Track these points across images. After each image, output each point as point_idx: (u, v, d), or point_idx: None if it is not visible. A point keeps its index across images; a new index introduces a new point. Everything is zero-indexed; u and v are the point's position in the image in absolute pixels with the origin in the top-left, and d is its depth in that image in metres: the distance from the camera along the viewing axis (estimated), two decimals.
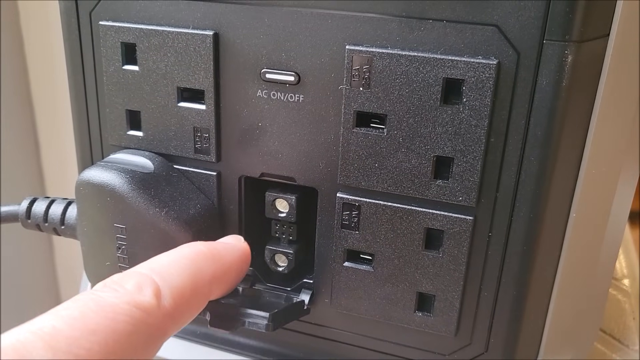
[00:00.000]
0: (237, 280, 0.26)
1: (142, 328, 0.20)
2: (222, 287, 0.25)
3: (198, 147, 0.28)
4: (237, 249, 0.26)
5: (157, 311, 0.21)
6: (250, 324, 0.26)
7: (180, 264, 0.23)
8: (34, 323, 0.19)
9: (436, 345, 0.29)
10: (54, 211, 0.31)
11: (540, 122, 0.23)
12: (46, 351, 0.18)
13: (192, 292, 0.23)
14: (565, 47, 0.22)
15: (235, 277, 0.26)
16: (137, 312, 0.20)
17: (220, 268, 0.25)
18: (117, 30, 0.28)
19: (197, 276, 0.23)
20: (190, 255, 0.24)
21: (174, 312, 0.22)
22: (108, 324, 0.19)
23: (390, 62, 0.24)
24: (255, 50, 0.26)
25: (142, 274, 0.22)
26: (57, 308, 0.20)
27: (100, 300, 0.20)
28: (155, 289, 0.22)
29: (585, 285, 0.29)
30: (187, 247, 0.25)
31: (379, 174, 0.26)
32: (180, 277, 0.23)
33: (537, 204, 0.25)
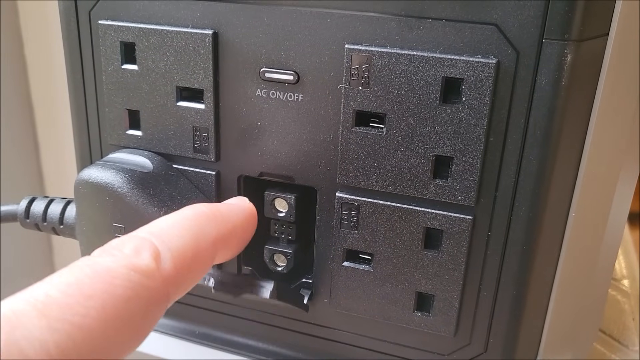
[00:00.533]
0: (243, 243, 0.25)
1: (141, 292, 0.20)
2: (227, 250, 0.24)
3: (197, 146, 0.28)
4: (242, 209, 0.25)
5: (157, 274, 0.20)
6: (254, 290, 0.26)
7: (181, 225, 0.23)
8: (29, 291, 0.18)
9: (435, 345, 0.29)
10: (53, 211, 0.31)
11: (539, 121, 0.23)
12: (40, 320, 0.17)
13: (194, 254, 0.22)
14: (564, 46, 0.22)
15: (241, 239, 0.25)
16: (135, 276, 0.20)
17: (224, 229, 0.24)
18: (116, 29, 0.28)
19: (200, 238, 0.23)
20: (191, 216, 0.23)
21: (176, 275, 0.21)
22: (105, 289, 0.19)
23: (389, 61, 0.24)
24: (255, 49, 0.26)
25: (140, 237, 0.22)
26: (53, 275, 0.19)
27: (96, 265, 0.20)
28: (154, 252, 0.21)
29: (584, 285, 0.29)
30: (189, 208, 0.24)
31: (378, 173, 0.26)
32: (182, 239, 0.22)
33: (536, 204, 0.25)
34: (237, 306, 0.31)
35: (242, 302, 0.31)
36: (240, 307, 0.31)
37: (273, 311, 0.31)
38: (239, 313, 0.32)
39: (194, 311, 0.33)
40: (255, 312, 0.31)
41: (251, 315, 0.32)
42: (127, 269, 0.20)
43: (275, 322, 0.31)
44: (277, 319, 0.31)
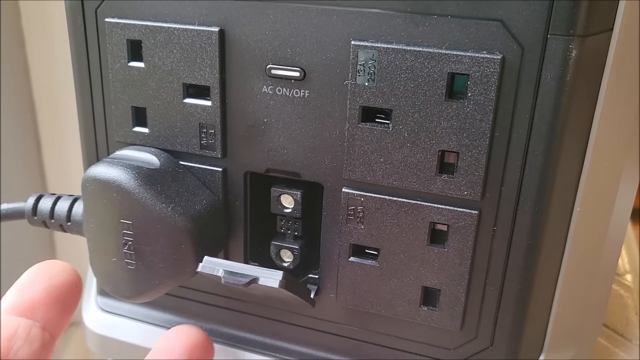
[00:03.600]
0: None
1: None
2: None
3: (204, 143, 0.28)
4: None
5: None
6: (264, 279, 0.26)
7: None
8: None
9: (441, 339, 0.29)
10: (60, 208, 0.31)
11: (544, 116, 0.24)
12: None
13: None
14: (569, 41, 0.22)
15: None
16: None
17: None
18: (122, 27, 0.28)
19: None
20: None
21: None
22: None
23: (395, 57, 0.24)
24: (261, 46, 0.26)
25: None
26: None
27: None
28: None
29: (589, 279, 0.29)
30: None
31: (385, 168, 0.26)
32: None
33: (541, 198, 0.25)
34: (243, 302, 0.32)
35: (249, 297, 0.31)
36: (246, 303, 0.32)
37: (279, 306, 0.31)
38: (245, 308, 0.32)
39: (200, 307, 0.33)
40: (262, 307, 0.32)
41: (257, 310, 0.32)
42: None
43: (282, 317, 0.31)
44: (284, 314, 0.31)
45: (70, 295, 0.27)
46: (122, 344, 0.35)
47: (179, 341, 0.29)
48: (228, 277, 0.26)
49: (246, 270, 0.26)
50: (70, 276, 0.27)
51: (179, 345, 0.29)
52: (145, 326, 0.34)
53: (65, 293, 0.27)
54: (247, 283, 0.26)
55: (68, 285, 0.27)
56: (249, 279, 0.26)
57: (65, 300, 0.26)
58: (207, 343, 0.30)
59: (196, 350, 0.29)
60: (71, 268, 0.27)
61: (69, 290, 0.27)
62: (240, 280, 0.26)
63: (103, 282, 0.30)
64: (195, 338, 0.29)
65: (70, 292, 0.27)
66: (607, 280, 0.31)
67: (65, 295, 0.27)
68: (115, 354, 0.35)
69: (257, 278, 0.26)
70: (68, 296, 0.27)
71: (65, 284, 0.27)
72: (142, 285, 0.29)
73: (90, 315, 0.36)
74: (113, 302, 0.35)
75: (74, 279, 0.27)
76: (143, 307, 0.34)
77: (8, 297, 0.26)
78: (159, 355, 0.28)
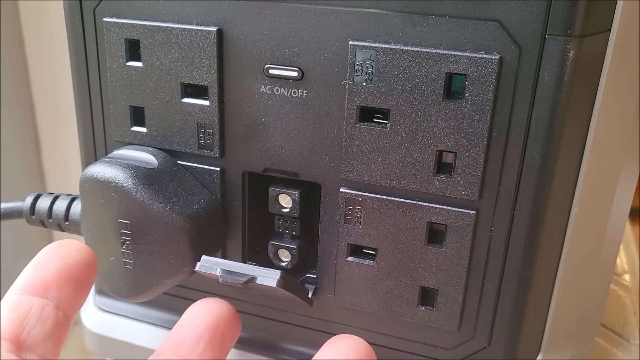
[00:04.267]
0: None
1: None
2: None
3: (202, 142, 0.28)
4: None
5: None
6: (261, 279, 0.26)
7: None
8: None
9: (439, 339, 0.29)
10: (58, 207, 0.31)
11: (542, 116, 0.24)
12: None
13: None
14: (567, 42, 0.22)
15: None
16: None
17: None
18: (120, 26, 0.28)
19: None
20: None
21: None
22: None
23: (393, 57, 0.24)
24: (259, 46, 0.26)
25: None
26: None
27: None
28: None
29: (587, 279, 0.29)
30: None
31: (382, 168, 0.26)
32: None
33: (539, 198, 0.25)
34: (241, 301, 0.32)
35: (247, 296, 0.31)
36: (244, 302, 0.32)
37: (277, 306, 0.31)
38: (242, 308, 0.32)
39: None
40: (259, 307, 0.32)
41: (255, 310, 0.32)
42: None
43: (279, 317, 0.31)
44: (281, 313, 0.31)
45: (84, 274, 0.26)
46: (121, 344, 0.35)
47: (204, 315, 0.28)
48: (226, 277, 0.26)
49: (244, 270, 0.26)
50: (85, 255, 0.26)
51: (204, 319, 0.28)
52: (143, 325, 0.34)
53: (79, 272, 0.26)
54: (245, 282, 0.26)
55: (82, 265, 0.26)
56: (247, 279, 0.26)
57: (79, 280, 0.26)
58: (234, 316, 0.29)
59: (222, 324, 0.28)
60: (86, 247, 0.27)
61: (83, 269, 0.26)
62: (238, 279, 0.26)
63: (101, 281, 0.30)
64: (220, 311, 0.28)
65: (84, 271, 0.26)
66: (605, 280, 0.31)
67: (79, 274, 0.26)
68: (113, 353, 0.35)
69: (254, 277, 0.26)
70: (82, 275, 0.26)
71: (80, 263, 0.26)
72: (140, 284, 0.29)
73: (88, 314, 0.36)
74: (111, 302, 0.35)
75: (88, 258, 0.26)
76: (141, 306, 0.34)
77: (22, 276, 0.26)
78: (184, 329, 0.27)
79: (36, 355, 0.24)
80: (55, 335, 0.25)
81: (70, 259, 0.26)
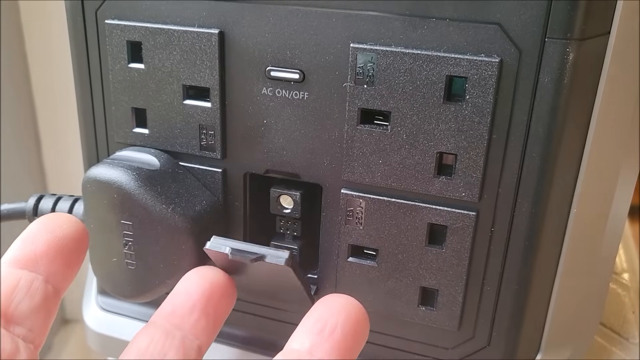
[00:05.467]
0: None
1: None
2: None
3: (203, 144, 0.29)
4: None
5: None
6: (270, 257, 0.26)
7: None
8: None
9: (439, 339, 0.29)
10: (61, 208, 0.31)
11: (541, 118, 0.24)
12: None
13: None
14: (566, 45, 0.23)
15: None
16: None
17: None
18: (122, 28, 0.28)
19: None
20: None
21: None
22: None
23: (394, 60, 0.24)
24: (261, 48, 0.26)
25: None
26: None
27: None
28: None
29: (586, 279, 0.29)
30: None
31: (383, 170, 0.26)
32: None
33: (538, 200, 0.25)
34: (243, 301, 0.32)
35: (249, 295, 0.31)
36: (246, 302, 0.32)
37: (279, 306, 0.31)
38: (244, 308, 0.32)
39: None
40: (261, 306, 0.32)
41: (257, 310, 0.32)
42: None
43: (281, 316, 0.32)
44: (283, 313, 0.31)
45: (75, 248, 0.26)
46: (123, 343, 0.35)
47: (198, 283, 0.27)
48: (235, 254, 0.26)
49: (253, 249, 0.26)
50: (75, 228, 0.26)
51: (197, 286, 0.27)
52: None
53: (69, 245, 0.25)
54: (254, 259, 0.25)
55: (72, 238, 0.26)
56: (256, 256, 0.26)
57: (69, 253, 0.25)
58: (229, 284, 0.28)
59: (216, 292, 0.27)
60: (76, 220, 0.26)
61: (73, 242, 0.26)
62: (247, 256, 0.26)
63: (104, 281, 0.31)
64: (215, 279, 0.27)
65: (75, 244, 0.26)
66: (604, 280, 0.31)
67: (69, 247, 0.25)
68: (115, 352, 0.36)
69: (264, 255, 0.26)
70: (72, 249, 0.26)
71: (70, 236, 0.26)
72: (143, 285, 0.29)
73: (90, 314, 0.36)
74: (113, 302, 0.35)
75: (79, 231, 0.26)
76: (143, 306, 0.34)
77: (10, 249, 0.25)
78: (177, 298, 0.27)
79: (24, 329, 0.24)
80: (44, 309, 0.24)
81: (60, 232, 0.25)
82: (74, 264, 0.26)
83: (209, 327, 0.27)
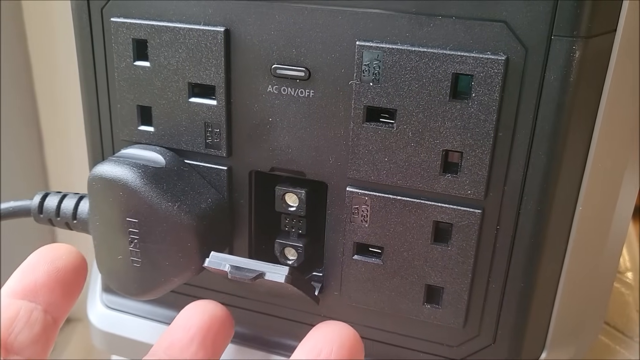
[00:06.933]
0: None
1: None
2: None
3: (209, 142, 0.29)
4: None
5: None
6: (270, 275, 0.26)
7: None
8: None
9: (444, 336, 0.29)
10: (66, 206, 0.31)
11: (547, 116, 0.24)
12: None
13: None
14: (573, 42, 0.23)
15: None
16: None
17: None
18: (128, 26, 0.28)
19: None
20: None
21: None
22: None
23: (400, 57, 0.24)
24: (266, 46, 0.26)
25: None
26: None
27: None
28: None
29: (591, 277, 0.29)
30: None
31: (389, 168, 0.26)
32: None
33: (544, 197, 0.25)
34: (247, 299, 0.32)
35: (253, 294, 0.32)
36: (250, 300, 0.32)
37: (284, 304, 0.31)
38: (249, 306, 0.32)
39: None
40: (266, 305, 0.32)
41: (262, 308, 0.32)
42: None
43: (286, 314, 0.32)
44: (288, 311, 0.31)
45: (74, 278, 0.26)
46: (127, 341, 0.35)
47: (196, 317, 0.28)
48: (235, 272, 0.26)
49: (252, 266, 0.26)
50: (75, 259, 0.26)
51: (195, 320, 0.28)
52: (150, 323, 0.34)
53: (68, 276, 0.26)
54: (254, 278, 0.26)
55: (72, 268, 0.26)
56: (256, 274, 0.26)
57: (68, 284, 0.26)
58: (227, 318, 0.29)
59: (214, 325, 0.28)
60: (75, 251, 0.27)
61: (72, 273, 0.26)
62: (246, 275, 0.26)
63: (109, 279, 0.31)
64: (213, 313, 0.28)
65: (74, 275, 0.26)
66: (608, 279, 0.31)
67: (68, 278, 0.26)
68: (120, 351, 0.36)
69: (263, 273, 0.26)
70: (72, 279, 0.26)
71: (69, 266, 0.26)
72: (148, 282, 0.29)
73: (95, 312, 0.36)
74: (118, 299, 0.35)
75: (78, 261, 0.26)
76: (148, 304, 0.34)
77: (11, 280, 0.26)
78: (175, 331, 0.28)
79: (23, 359, 0.24)
80: (43, 339, 0.25)
81: (60, 263, 0.26)
82: (72, 294, 0.26)
83: (208, 359, 0.27)
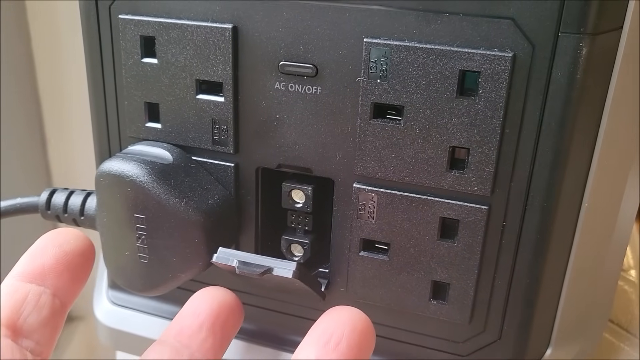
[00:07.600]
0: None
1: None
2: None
3: (216, 138, 0.29)
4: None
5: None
6: (278, 270, 0.26)
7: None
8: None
9: (450, 332, 0.29)
10: (74, 202, 0.31)
11: (554, 113, 0.24)
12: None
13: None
14: (580, 39, 0.23)
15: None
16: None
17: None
18: (136, 23, 0.28)
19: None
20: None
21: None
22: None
23: (407, 54, 0.25)
24: (274, 43, 0.26)
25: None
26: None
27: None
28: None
29: (596, 274, 0.29)
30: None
31: (396, 164, 0.26)
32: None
33: (550, 194, 0.25)
34: (254, 295, 0.32)
35: (260, 290, 0.32)
36: (257, 296, 0.32)
37: (290, 300, 0.31)
38: (255, 302, 0.32)
39: None
40: (272, 301, 0.32)
41: (268, 304, 0.32)
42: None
43: (292, 310, 0.32)
44: (294, 307, 0.32)
45: (81, 262, 0.26)
46: (133, 337, 0.35)
47: (205, 303, 0.28)
48: (242, 268, 0.26)
49: (260, 261, 0.27)
50: (82, 243, 0.27)
51: (205, 307, 0.28)
52: (156, 320, 0.35)
53: (76, 260, 0.26)
54: (262, 273, 0.26)
55: (80, 252, 0.26)
56: (263, 269, 0.26)
57: (76, 268, 0.26)
58: (236, 304, 0.29)
59: (224, 311, 0.28)
60: (83, 235, 0.27)
61: (80, 257, 0.26)
62: (254, 270, 0.26)
63: (116, 275, 0.31)
64: (222, 299, 0.28)
65: (81, 259, 0.26)
66: (613, 276, 0.31)
67: (76, 262, 0.26)
68: (126, 346, 0.36)
69: (271, 268, 0.26)
70: (80, 263, 0.26)
71: (77, 250, 0.26)
72: (155, 278, 0.29)
73: (101, 308, 0.36)
74: (124, 296, 0.35)
75: (86, 246, 0.27)
76: (154, 300, 0.34)
77: (19, 263, 0.26)
78: (185, 317, 0.28)
79: (32, 342, 0.24)
80: (51, 323, 0.25)
81: (68, 247, 0.26)
82: (80, 279, 0.26)
83: (217, 345, 0.27)
